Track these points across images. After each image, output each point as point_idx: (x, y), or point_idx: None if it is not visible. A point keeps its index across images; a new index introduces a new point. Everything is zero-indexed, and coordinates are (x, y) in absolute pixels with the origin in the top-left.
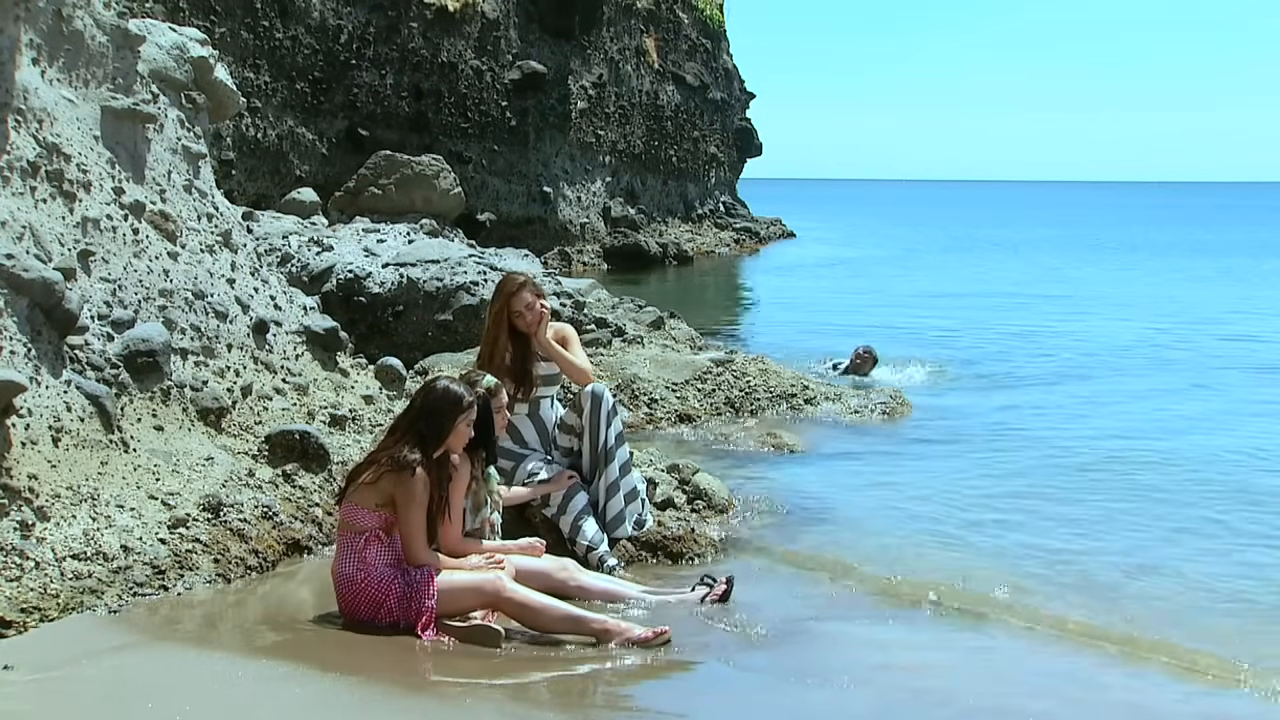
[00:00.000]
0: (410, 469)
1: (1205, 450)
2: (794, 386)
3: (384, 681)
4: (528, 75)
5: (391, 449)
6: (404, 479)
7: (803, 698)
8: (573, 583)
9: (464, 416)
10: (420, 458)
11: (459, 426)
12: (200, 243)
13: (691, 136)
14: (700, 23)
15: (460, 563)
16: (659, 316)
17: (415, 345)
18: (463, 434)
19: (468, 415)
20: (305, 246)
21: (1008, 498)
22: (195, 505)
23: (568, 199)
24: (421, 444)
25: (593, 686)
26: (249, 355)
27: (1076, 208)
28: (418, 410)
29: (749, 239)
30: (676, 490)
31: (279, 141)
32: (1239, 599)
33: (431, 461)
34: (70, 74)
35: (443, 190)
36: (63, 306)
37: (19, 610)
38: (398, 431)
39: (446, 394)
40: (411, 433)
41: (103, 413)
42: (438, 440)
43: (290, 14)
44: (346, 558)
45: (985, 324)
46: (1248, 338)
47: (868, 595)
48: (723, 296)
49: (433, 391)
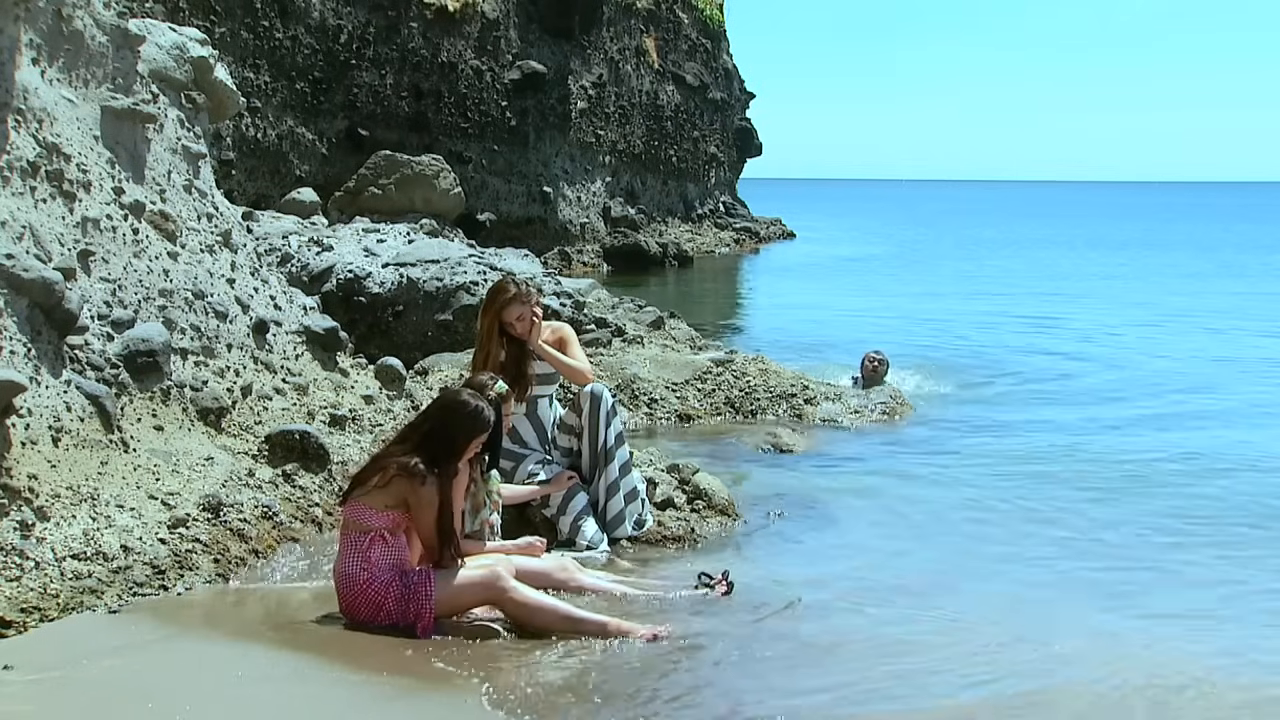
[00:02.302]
0: (420, 478)
1: (1223, 455)
2: (794, 386)
3: (384, 681)
4: (528, 75)
5: (401, 457)
6: (415, 486)
7: (806, 695)
8: (573, 582)
9: (481, 438)
10: (427, 469)
11: (471, 446)
12: (200, 243)
13: (691, 136)
14: (700, 23)
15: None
16: (659, 316)
17: (415, 345)
18: (471, 451)
19: (484, 435)
20: (305, 246)
21: (1009, 499)
22: (195, 505)
23: (568, 199)
24: (430, 454)
25: (594, 686)
26: (249, 355)
27: (1077, 208)
28: (436, 423)
29: (749, 239)
30: (676, 490)
31: (279, 141)
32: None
33: (443, 472)
34: (70, 74)
35: (442, 190)
36: (63, 306)
37: (19, 610)
38: (410, 440)
39: (476, 415)
40: (426, 444)
41: (103, 413)
42: (450, 454)
43: (290, 14)
44: (350, 557)
45: (987, 324)
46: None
47: (868, 595)
48: (723, 297)
49: (460, 409)
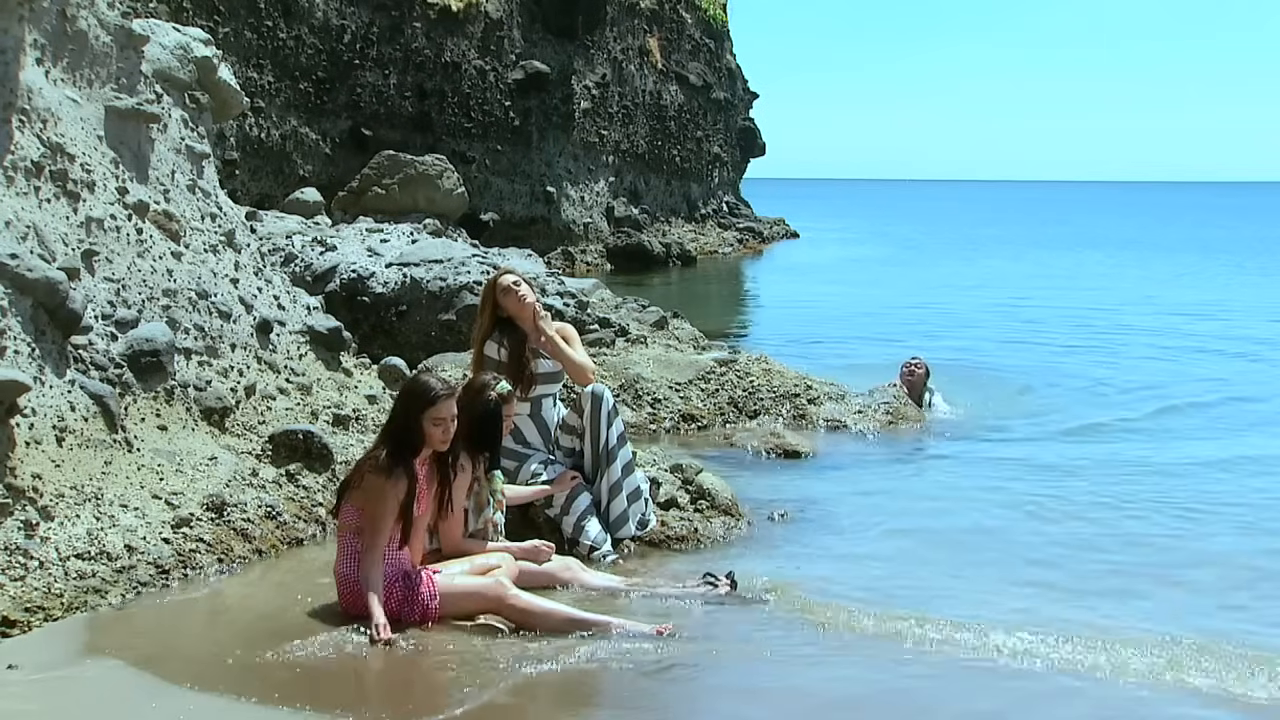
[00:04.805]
0: (384, 471)
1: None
2: (797, 386)
3: (384, 681)
4: (531, 75)
5: (373, 450)
6: (375, 480)
7: (809, 692)
8: (576, 581)
9: (429, 413)
10: (390, 461)
11: (426, 424)
12: (204, 242)
13: (695, 136)
14: (703, 22)
15: (463, 562)
16: (662, 316)
17: (418, 345)
18: (434, 433)
19: (434, 412)
20: (309, 246)
21: (1015, 503)
22: (199, 505)
23: (571, 199)
24: (394, 444)
25: (597, 685)
26: (252, 355)
27: (1077, 208)
28: (396, 410)
29: (752, 239)
30: (680, 490)
31: (282, 141)
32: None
33: (409, 464)
34: (74, 74)
35: (446, 190)
36: (67, 306)
37: (23, 609)
38: (381, 438)
39: (411, 389)
40: (391, 435)
41: (106, 412)
42: (409, 439)
43: (294, 14)
44: (347, 558)
45: (988, 324)
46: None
47: (870, 596)
48: (726, 297)
49: (407, 388)
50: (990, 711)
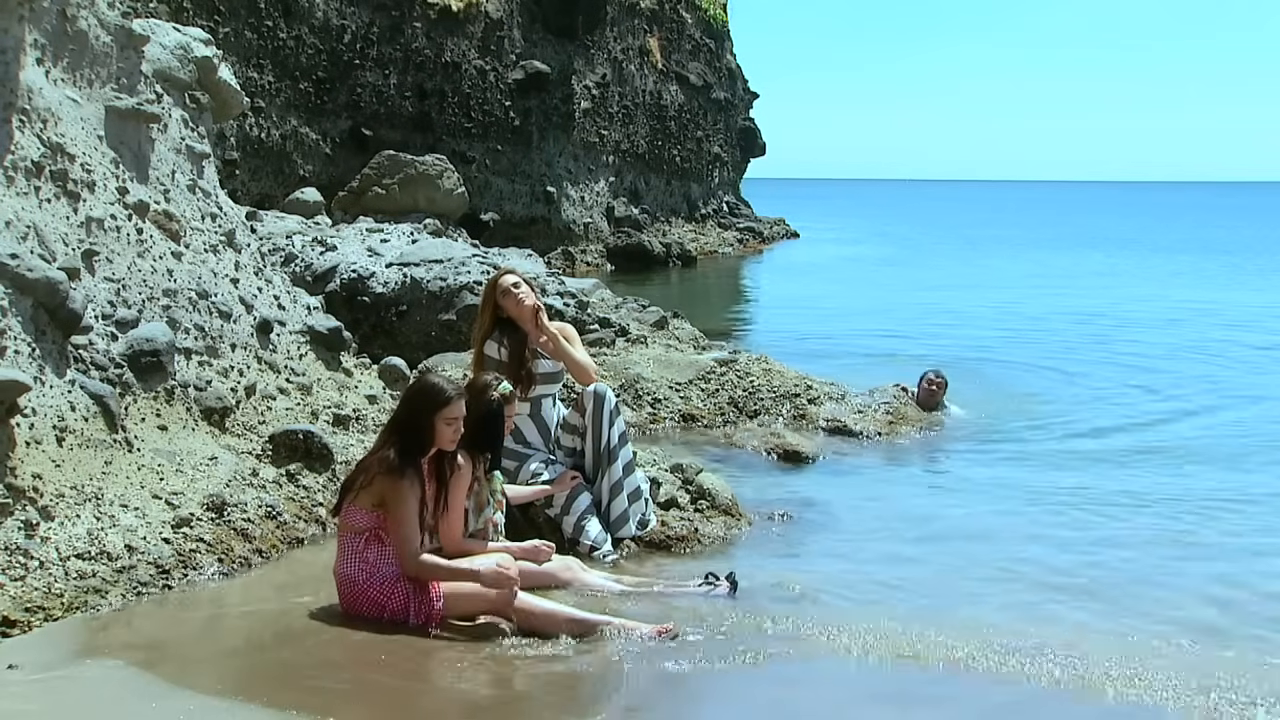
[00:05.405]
0: (398, 471)
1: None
2: (797, 386)
3: (386, 682)
4: (531, 75)
5: (378, 451)
6: (392, 481)
7: (811, 690)
8: (577, 582)
9: (442, 413)
10: (402, 461)
11: (438, 424)
12: (204, 242)
13: (695, 136)
14: (704, 22)
15: (465, 563)
16: (662, 316)
17: (419, 345)
18: (445, 433)
19: (447, 412)
20: (309, 246)
21: (1014, 505)
22: (199, 505)
23: (571, 199)
24: (403, 444)
25: (598, 686)
26: (253, 355)
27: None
28: (402, 411)
29: (752, 239)
30: (680, 490)
31: (283, 141)
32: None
33: (418, 464)
34: (74, 74)
35: (446, 190)
36: (67, 306)
37: (23, 609)
38: (386, 438)
39: (422, 389)
40: (399, 436)
41: (107, 412)
42: (418, 438)
43: (294, 14)
44: (348, 559)
45: (989, 323)
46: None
47: (871, 597)
48: (727, 297)
49: (416, 389)
50: (990, 712)
